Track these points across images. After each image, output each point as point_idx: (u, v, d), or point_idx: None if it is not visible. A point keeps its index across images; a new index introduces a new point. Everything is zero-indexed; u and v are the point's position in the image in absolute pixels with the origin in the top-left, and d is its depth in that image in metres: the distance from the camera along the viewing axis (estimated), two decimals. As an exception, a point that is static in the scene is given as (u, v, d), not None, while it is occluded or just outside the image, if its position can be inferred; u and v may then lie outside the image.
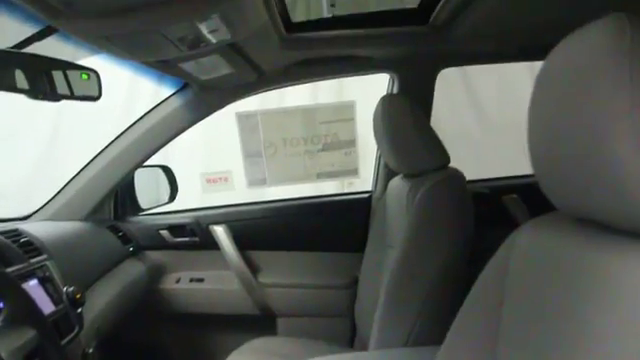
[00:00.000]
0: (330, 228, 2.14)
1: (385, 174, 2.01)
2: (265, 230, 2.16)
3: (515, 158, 1.52)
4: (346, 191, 2.61)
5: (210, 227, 2.11)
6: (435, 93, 1.92)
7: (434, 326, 1.32)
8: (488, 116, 3.01)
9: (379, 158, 2.08)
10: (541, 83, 0.68)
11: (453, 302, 0.99)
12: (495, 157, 2.54)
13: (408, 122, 1.48)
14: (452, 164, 1.52)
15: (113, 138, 1.92)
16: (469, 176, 1.50)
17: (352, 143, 2.45)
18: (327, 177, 2.50)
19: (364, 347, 1.52)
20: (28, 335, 0.89)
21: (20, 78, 1.08)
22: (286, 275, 2.13)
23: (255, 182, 2.48)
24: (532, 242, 0.78)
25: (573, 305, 0.64)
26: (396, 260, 1.41)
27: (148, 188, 2.16)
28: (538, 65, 0.69)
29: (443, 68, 1.88)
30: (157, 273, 2.15)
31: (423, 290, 1.36)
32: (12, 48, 1.06)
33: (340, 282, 2.08)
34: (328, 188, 2.61)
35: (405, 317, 1.37)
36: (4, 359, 0.80)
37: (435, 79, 1.89)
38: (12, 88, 1.06)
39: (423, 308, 1.35)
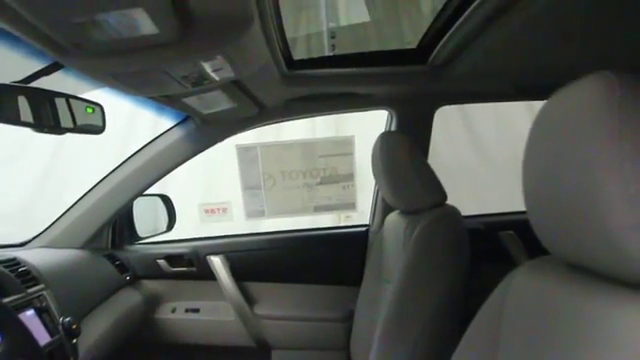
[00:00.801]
0: (327, 261, 2.15)
1: (382, 209, 2.03)
2: (262, 261, 2.16)
3: (513, 193, 1.54)
4: (343, 224, 2.63)
5: (207, 257, 2.11)
6: (434, 128, 1.95)
7: None
8: (486, 151, 3.05)
9: (377, 193, 2.09)
10: (536, 132, 0.70)
11: (449, 338, 1.00)
12: (493, 192, 2.57)
13: (406, 160, 1.50)
14: (451, 198, 1.53)
15: (113, 168, 1.94)
16: (466, 211, 1.51)
17: (350, 177, 2.48)
18: (325, 210, 2.52)
19: (359, 382, 1.51)
20: None
21: (25, 111, 1.10)
22: (282, 307, 2.12)
23: (253, 213, 2.50)
24: (526, 286, 0.79)
25: (564, 352, 0.65)
26: (392, 296, 1.42)
27: (146, 217, 2.16)
28: (536, 103, 0.71)
29: (441, 106, 1.91)
30: (153, 302, 2.14)
31: (419, 326, 1.36)
32: (18, 82, 1.09)
33: (336, 315, 2.07)
34: (325, 221, 2.63)
35: (400, 353, 1.36)
36: None
37: (433, 116, 1.92)
38: (17, 121, 1.09)
39: (419, 344, 1.35)
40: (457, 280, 1.39)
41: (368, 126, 2.07)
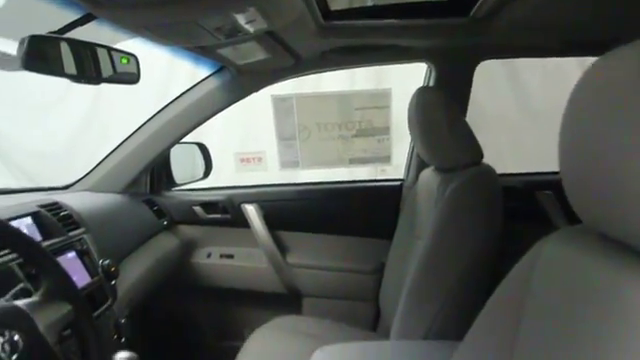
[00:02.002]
0: (360, 213, 2.15)
1: (417, 164, 2.00)
2: (296, 211, 2.18)
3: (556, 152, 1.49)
4: (378, 178, 2.61)
5: (242, 205, 2.15)
6: (476, 82, 1.88)
7: (456, 321, 1.33)
8: (532, 107, 2.94)
9: (412, 148, 2.06)
10: (580, 91, 0.67)
11: (477, 298, 1.00)
12: (536, 150, 2.49)
13: (441, 117, 1.47)
14: (491, 155, 1.50)
15: (151, 115, 1.96)
16: (507, 168, 1.47)
17: (386, 130, 2.44)
18: (359, 163, 2.51)
19: (386, 332, 1.54)
20: (64, 310, 0.94)
21: (68, 62, 1.11)
22: (314, 257, 2.16)
23: (288, 164, 2.51)
24: (556, 255, 0.77)
25: (589, 324, 0.64)
26: (422, 253, 1.42)
27: (183, 164, 2.20)
28: (587, 59, 0.68)
29: (483, 60, 1.84)
30: (189, 247, 2.21)
31: (447, 285, 1.37)
32: (54, 33, 1.10)
33: (366, 267, 2.10)
34: (360, 174, 2.61)
35: (427, 310, 1.37)
36: (42, 333, 0.85)
37: (474, 71, 1.85)
38: (61, 73, 1.10)
39: (446, 302, 1.36)
40: (488, 240, 1.37)
41: (410, 79, 2.01)
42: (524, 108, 2.96)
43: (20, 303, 0.88)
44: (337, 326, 1.92)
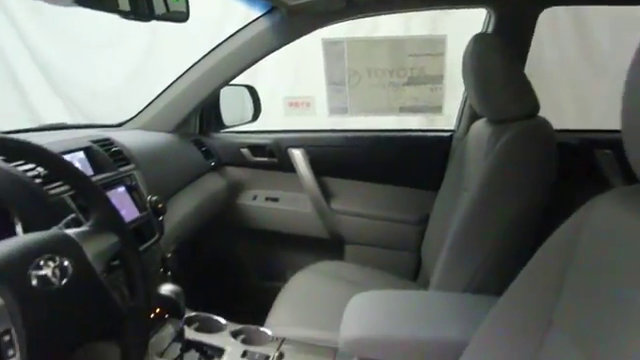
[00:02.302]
0: (407, 163, 2.12)
1: (469, 115, 1.93)
2: (342, 158, 2.17)
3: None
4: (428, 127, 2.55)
5: (289, 150, 2.15)
6: (538, 31, 1.77)
7: (497, 276, 1.31)
8: (597, 59, 2.76)
9: (465, 98, 1.99)
10: None
11: (520, 255, 0.97)
12: (601, 106, 2.37)
13: (498, 65, 1.39)
14: (548, 107, 1.42)
15: (202, 55, 1.96)
16: (564, 123, 1.40)
17: (439, 79, 2.35)
18: (410, 111, 2.45)
19: (426, 284, 1.54)
20: (111, 241, 0.98)
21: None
22: (359, 204, 2.16)
23: (336, 110, 2.48)
24: (607, 214, 0.74)
25: (636, 287, 0.62)
26: (468, 205, 1.39)
27: (232, 106, 2.22)
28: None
29: (548, 6, 1.72)
30: (235, 189, 2.25)
31: (491, 239, 1.34)
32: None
33: (411, 218, 2.08)
34: (410, 123, 2.56)
35: (469, 263, 1.36)
36: (90, 261, 0.89)
37: (536, 19, 1.74)
38: (114, 10, 1.10)
39: (488, 257, 1.33)
40: (537, 196, 1.32)
41: (467, 26, 1.91)
42: (589, 61, 2.78)
43: (70, 232, 0.92)
44: (377, 274, 1.94)
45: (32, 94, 3.90)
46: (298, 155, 2.13)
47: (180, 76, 2.00)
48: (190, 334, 1.37)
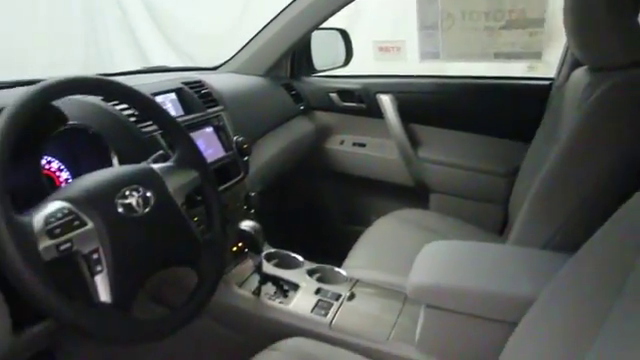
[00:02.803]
0: (499, 112, 2.03)
1: (571, 62, 1.79)
2: (431, 105, 2.12)
3: None
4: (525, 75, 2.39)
5: (377, 95, 2.13)
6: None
7: (580, 235, 1.24)
8: None
9: (567, 43, 1.84)
10: None
11: (606, 216, 0.92)
12: None
13: (605, 6, 1.26)
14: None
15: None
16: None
17: (540, 23, 2.17)
18: (506, 58, 2.29)
19: (512, 238, 1.49)
20: (192, 176, 1.06)
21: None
22: (446, 153, 2.11)
23: (428, 55, 2.39)
24: None
25: None
26: (556, 158, 1.31)
27: (323, 50, 2.22)
28: None
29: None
30: (323, 133, 2.29)
31: (577, 195, 1.26)
32: None
33: (500, 169, 2.01)
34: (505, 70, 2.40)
35: (551, 219, 1.30)
36: (171, 194, 0.98)
37: None
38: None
39: (573, 214, 1.26)
40: (630, 154, 1.22)
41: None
42: None
43: (156, 166, 1.01)
44: (460, 224, 1.91)
45: (143, 39, 4.15)
46: (386, 101, 2.11)
47: (272, 20, 2.03)
48: (268, 269, 1.44)
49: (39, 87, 0.85)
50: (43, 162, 1.05)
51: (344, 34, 2.21)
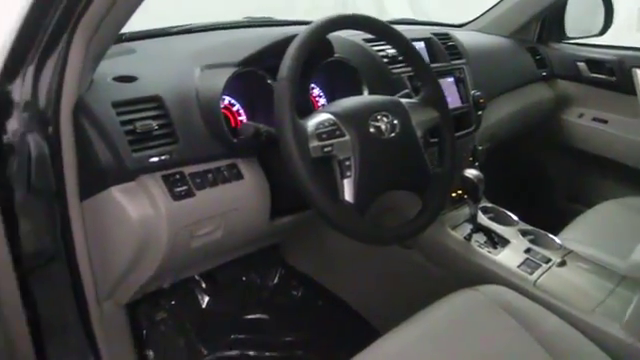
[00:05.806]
0: None
1: None
2: None
3: None
4: None
5: (633, 70, 1.95)
6: None
7: None
8: None
9: None
10: None
11: None
12: None
13: None
14: None
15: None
16: None
17: None
18: None
19: None
20: (433, 115, 1.17)
21: None
22: None
23: None
24: None
25: None
26: None
27: (579, 16, 2.11)
28: None
29: None
30: (562, 103, 2.19)
31: None
32: None
33: None
34: None
35: None
36: (413, 126, 1.11)
37: None
38: None
39: None
40: None
41: None
42: None
43: (403, 100, 1.14)
44: None
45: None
46: (644, 77, 1.92)
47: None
48: (483, 220, 1.49)
49: (323, 20, 1.03)
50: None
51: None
